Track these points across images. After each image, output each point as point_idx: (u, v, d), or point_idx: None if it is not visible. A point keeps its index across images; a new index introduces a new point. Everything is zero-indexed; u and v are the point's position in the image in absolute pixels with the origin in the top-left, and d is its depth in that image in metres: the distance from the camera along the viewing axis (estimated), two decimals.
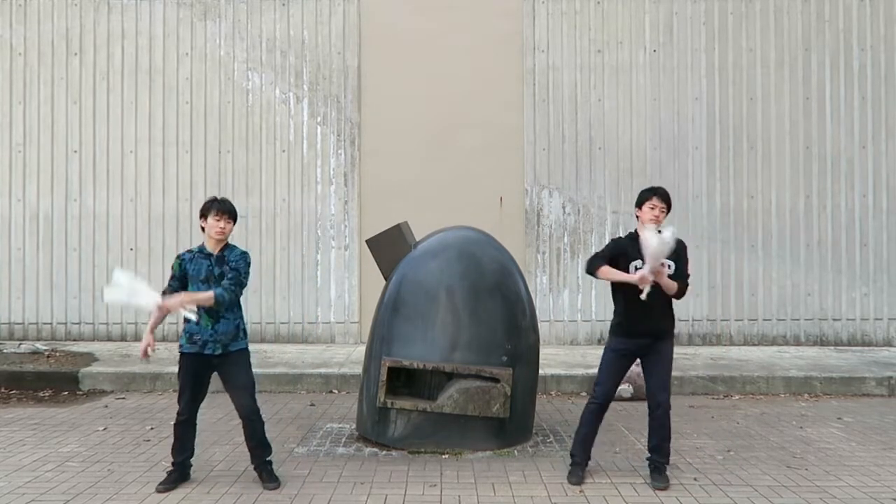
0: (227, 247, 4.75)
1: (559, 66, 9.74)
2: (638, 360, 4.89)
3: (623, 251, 4.75)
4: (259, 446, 4.73)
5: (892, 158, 9.71)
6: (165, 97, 9.73)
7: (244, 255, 4.76)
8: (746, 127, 9.72)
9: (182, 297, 4.48)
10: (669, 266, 4.64)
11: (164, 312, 4.60)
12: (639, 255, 4.65)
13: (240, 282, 4.64)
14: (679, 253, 4.75)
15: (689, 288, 4.84)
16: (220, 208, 4.67)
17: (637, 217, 4.83)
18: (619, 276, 4.65)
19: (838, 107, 9.72)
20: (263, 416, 6.18)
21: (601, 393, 4.80)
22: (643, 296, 4.50)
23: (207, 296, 4.50)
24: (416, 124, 9.62)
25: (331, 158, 9.75)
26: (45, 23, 9.77)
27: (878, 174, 9.71)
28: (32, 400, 7.19)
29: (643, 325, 4.68)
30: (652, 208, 4.71)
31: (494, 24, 9.70)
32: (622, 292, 4.73)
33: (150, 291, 4.50)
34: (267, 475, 4.69)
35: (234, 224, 4.76)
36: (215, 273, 4.62)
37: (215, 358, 4.63)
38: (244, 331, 4.75)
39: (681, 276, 4.73)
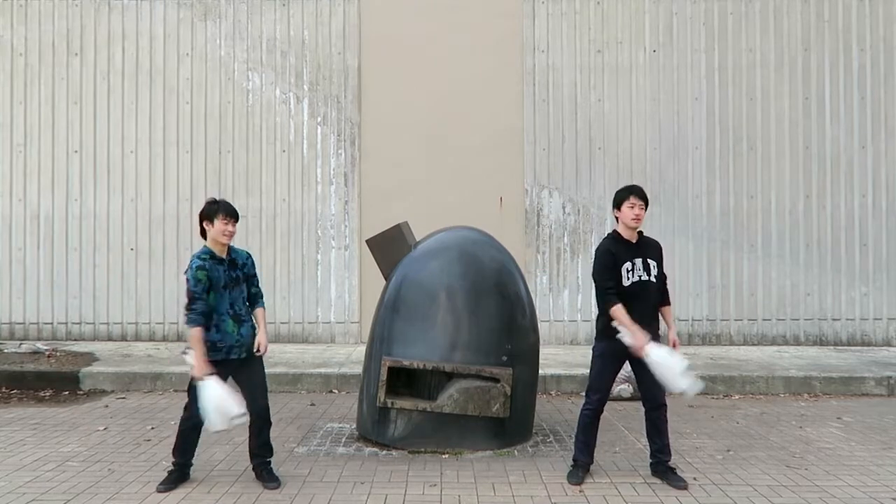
0: (230, 248, 4.77)
1: (559, 67, 9.75)
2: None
3: (615, 262, 4.68)
4: (263, 446, 4.74)
5: (891, 158, 9.72)
6: (166, 97, 9.74)
7: (252, 258, 4.88)
8: (746, 127, 9.73)
9: (265, 335, 4.71)
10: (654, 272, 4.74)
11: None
12: (626, 257, 4.69)
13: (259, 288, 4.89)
14: (660, 255, 4.86)
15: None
16: (227, 211, 4.64)
17: (616, 218, 4.81)
18: (630, 324, 4.55)
19: (838, 107, 9.73)
20: None
21: (598, 400, 4.78)
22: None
23: (264, 318, 4.76)
24: (416, 124, 9.63)
25: (331, 158, 9.76)
26: (45, 23, 9.78)
27: (877, 174, 9.72)
28: (33, 400, 7.20)
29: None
30: (631, 207, 4.70)
31: (494, 25, 9.71)
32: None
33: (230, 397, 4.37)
34: (268, 475, 4.70)
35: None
36: (231, 277, 4.65)
37: (238, 361, 4.64)
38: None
39: (664, 280, 4.86)
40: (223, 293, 4.59)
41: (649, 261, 4.75)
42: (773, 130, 9.73)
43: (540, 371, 5.91)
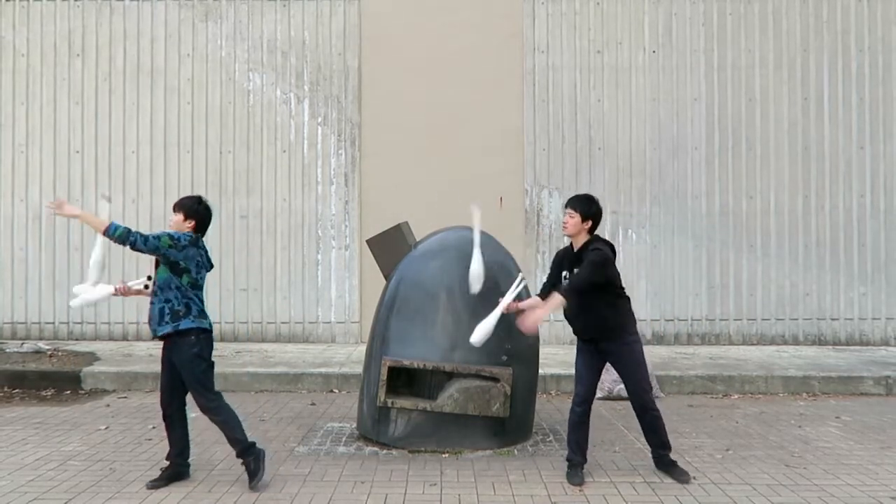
0: None
1: (559, 67, 9.77)
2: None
3: (559, 262, 4.95)
4: (230, 442, 4.66)
5: (890, 159, 9.74)
6: (167, 98, 9.77)
7: (172, 231, 4.62)
8: (745, 127, 9.75)
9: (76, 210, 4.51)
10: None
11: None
12: (566, 264, 4.83)
13: (146, 236, 4.43)
14: (587, 261, 4.67)
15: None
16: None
17: None
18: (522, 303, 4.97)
19: (837, 108, 9.76)
20: (264, 415, 6.23)
21: (580, 393, 4.82)
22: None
23: (91, 219, 4.50)
24: (416, 124, 9.65)
25: (331, 158, 9.78)
26: (47, 24, 9.80)
27: (875, 175, 9.74)
28: (35, 399, 7.22)
29: (576, 326, 4.84)
30: (565, 215, 4.89)
31: (495, 25, 9.73)
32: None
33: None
34: (250, 475, 4.61)
35: (186, 217, 4.62)
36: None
37: (166, 346, 4.61)
38: (174, 313, 4.51)
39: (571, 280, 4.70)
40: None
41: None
42: (772, 131, 9.75)
43: (540, 371, 5.93)
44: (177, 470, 4.72)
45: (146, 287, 4.70)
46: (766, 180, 9.74)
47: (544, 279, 5.22)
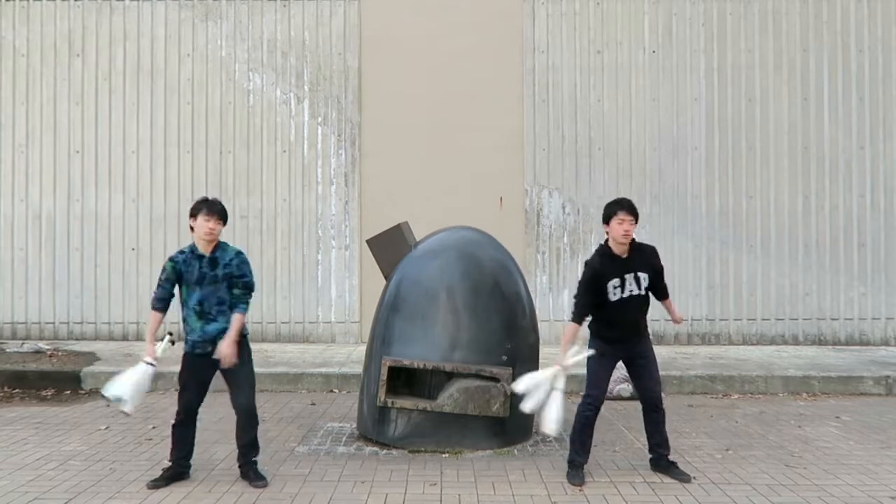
0: (219, 247, 4.67)
1: (559, 67, 9.77)
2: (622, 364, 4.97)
3: (601, 275, 4.71)
4: (248, 446, 4.71)
5: (889, 159, 9.74)
6: (167, 98, 9.77)
7: (242, 256, 4.70)
8: (745, 127, 9.75)
9: (228, 344, 4.51)
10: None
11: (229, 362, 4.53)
12: (615, 273, 4.69)
13: (251, 287, 4.69)
14: (653, 262, 4.83)
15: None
16: (210, 209, 4.59)
17: (606, 233, 4.79)
18: (563, 346, 4.75)
19: (836, 108, 9.75)
20: (265, 414, 6.23)
21: (596, 396, 4.82)
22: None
23: (239, 325, 4.57)
24: (416, 124, 9.65)
25: (331, 159, 9.78)
26: (47, 24, 9.80)
27: (875, 175, 9.74)
28: (35, 399, 7.23)
29: (619, 331, 4.79)
30: (620, 223, 4.66)
31: (494, 25, 9.73)
32: (599, 301, 4.79)
33: (139, 366, 4.51)
34: (254, 473, 4.68)
35: (224, 225, 4.67)
36: (207, 275, 4.58)
37: (205, 357, 4.60)
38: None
39: (660, 278, 4.91)
40: (193, 289, 4.59)
41: (639, 274, 4.75)
42: (771, 131, 9.75)
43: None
44: (178, 470, 4.73)
45: (172, 343, 4.68)
46: (766, 180, 9.74)
47: (545, 279, 5.22)
